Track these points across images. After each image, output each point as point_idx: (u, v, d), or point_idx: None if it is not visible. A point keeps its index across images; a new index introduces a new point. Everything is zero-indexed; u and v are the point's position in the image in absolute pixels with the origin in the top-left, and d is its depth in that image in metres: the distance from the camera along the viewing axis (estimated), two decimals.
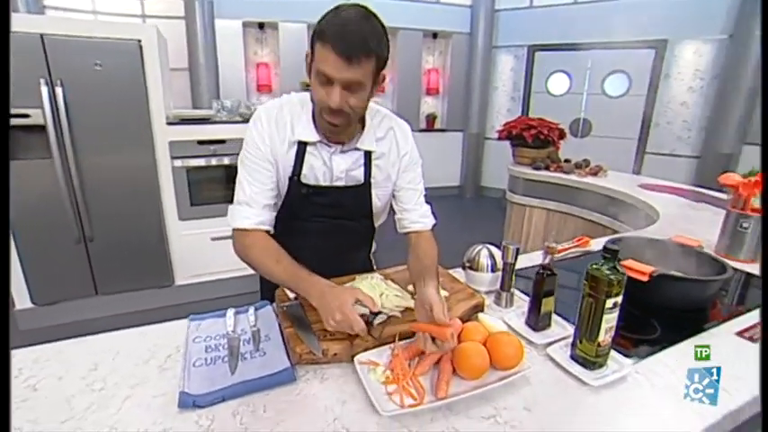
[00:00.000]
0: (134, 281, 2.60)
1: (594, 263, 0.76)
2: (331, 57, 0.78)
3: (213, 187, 2.64)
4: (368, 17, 0.81)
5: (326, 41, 0.77)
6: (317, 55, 0.81)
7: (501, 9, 5.39)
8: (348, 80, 0.81)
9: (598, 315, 0.75)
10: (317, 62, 0.81)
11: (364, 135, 0.99)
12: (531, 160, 3.34)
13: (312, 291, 0.83)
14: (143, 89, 2.31)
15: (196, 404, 0.70)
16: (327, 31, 0.78)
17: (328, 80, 0.81)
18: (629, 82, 4.76)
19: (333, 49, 0.77)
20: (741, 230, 1.41)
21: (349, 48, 0.77)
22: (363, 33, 0.78)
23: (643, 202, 2.22)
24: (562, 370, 0.79)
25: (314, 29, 0.82)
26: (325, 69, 0.80)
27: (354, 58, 0.78)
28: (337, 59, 0.78)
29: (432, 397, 0.70)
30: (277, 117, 0.96)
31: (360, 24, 0.79)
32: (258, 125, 0.96)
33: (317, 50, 0.80)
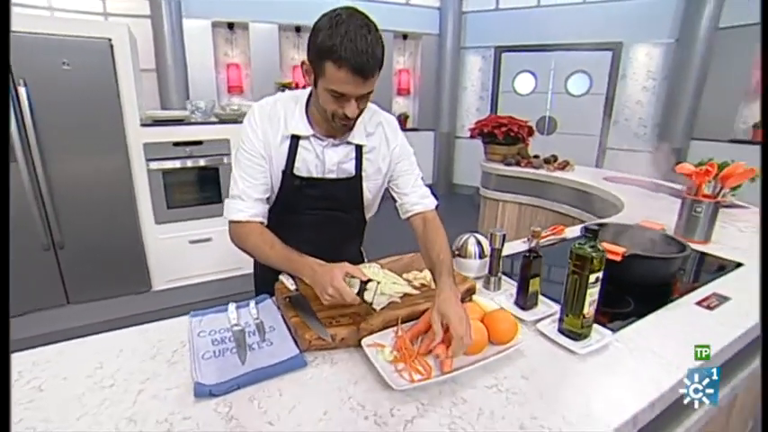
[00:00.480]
0: (109, 288, 2.51)
1: (579, 243, 0.83)
2: (348, 77, 0.81)
3: (190, 189, 2.59)
4: (368, 25, 0.82)
5: (342, 64, 0.80)
6: (328, 74, 0.83)
7: (468, 11, 5.55)
8: (363, 94, 0.87)
9: (583, 290, 0.83)
10: (329, 81, 0.84)
11: (355, 130, 1.03)
12: (503, 157, 3.48)
13: (304, 270, 0.88)
14: (115, 90, 2.24)
15: (212, 393, 0.72)
16: (340, 53, 0.79)
17: (343, 95, 0.85)
18: (590, 81, 5.03)
19: (349, 71, 0.80)
20: (695, 215, 1.55)
21: (364, 68, 0.81)
22: (373, 49, 0.81)
23: (608, 193, 2.38)
24: (552, 342, 0.87)
25: (316, 44, 0.82)
26: (341, 89, 0.84)
27: (369, 76, 0.83)
28: (354, 79, 0.82)
29: (438, 372, 0.75)
30: (270, 113, 1.00)
31: (368, 40, 0.80)
32: (252, 121, 1.00)
33: (329, 70, 0.82)
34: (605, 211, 2.33)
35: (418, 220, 1.09)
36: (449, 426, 0.65)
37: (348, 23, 0.80)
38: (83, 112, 2.20)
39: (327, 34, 0.80)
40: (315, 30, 0.83)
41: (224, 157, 2.61)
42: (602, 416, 0.67)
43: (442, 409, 0.68)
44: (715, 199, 1.53)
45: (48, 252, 2.29)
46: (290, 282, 1.01)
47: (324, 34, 0.80)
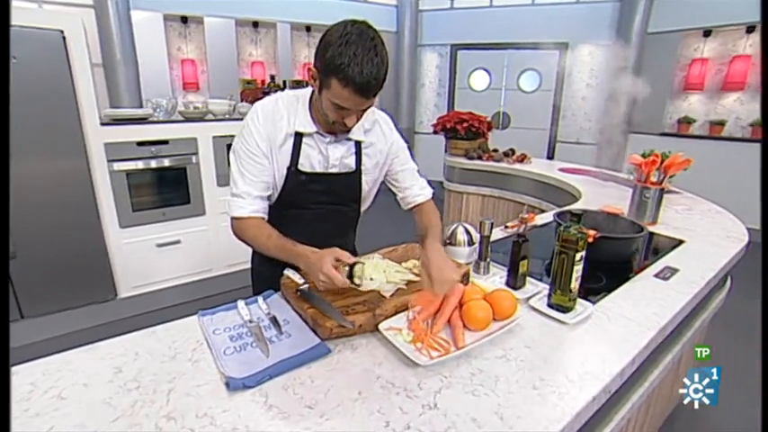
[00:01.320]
0: (70, 298, 2.36)
1: (565, 227, 0.95)
2: (351, 96, 0.87)
3: (156, 191, 2.49)
4: (376, 47, 0.85)
5: (347, 84, 0.85)
6: (333, 89, 0.88)
7: (425, 9, 5.69)
8: (365, 108, 0.93)
9: (570, 268, 0.94)
10: (333, 95, 0.89)
11: (355, 127, 1.08)
12: (465, 151, 3.64)
13: (299, 258, 0.94)
14: (70, 86, 2.10)
15: (246, 385, 0.75)
16: (347, 72, 0.83)
17: (345, 108, 0.91)
18: (540, 78, 5.36)
19: (353, 91, 0.86)
20: (645, 199, 1.76)
21: (367, 89, 0.86)
22: (378, 72, 0.85)
23: (566, 183, 2.59)
24: (544, 315, 0.98)
25: (325, 58, 0.85)
26: (344, 104, 0.90)
27: (371, 95, 0.89)
28: (356, 98, 0.88)
29: (453, 348, 0.83)
30: (273, 112, 1.03)
31: (374, 61, 0.84)
32: (255, 121, 1.02)
33: (334, 85, 0.87)
34: (564, 200, 2.54)
35: (417, 209, 1.21)
36: (472, 393, 0.73)
37: (357, 45, 0.83)
38: (35, 110, 2.04)
39: (337, 52, 0.83)
40: (325, 42, 0.87)
41: (192, 156, 2.54)
42: (597, 373, 0.78)
43: (462, 379, 0.76)
44: (660, 185, 1.74)
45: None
46: (297, 276, 1.04)
47: (333, 51, 0.84)
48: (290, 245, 0.98)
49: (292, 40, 5.16)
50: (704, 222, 1.79)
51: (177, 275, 2.69)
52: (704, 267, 1.28)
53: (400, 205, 1.23)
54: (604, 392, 0.76)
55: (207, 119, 2.65)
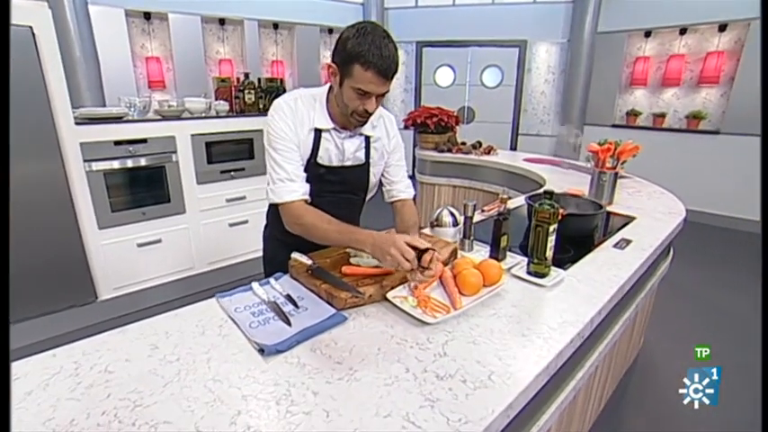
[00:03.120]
0: (47, 303, 2.31)
1: (540, 203, 1.11)
2: (373, 78, 0.98)
3: (135, 190, 2.47)
4: (389, 36, 1.00)
5: (369, 67, 0.97)
6: (356, 75, 0.99)
7: (390, 7, 5.81)
8: (383, 92, 1.04)
9: (545, 239, 1.11)
10: (356, 81, 1.00)
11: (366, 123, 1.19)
12: (435, 144, 3.81)
13: (366, 239, 1.02)
14: (41, 84, 2.05)
15: (278, 350, 0.85)
16: (368, 57, 0.96)
17: (366, 93, 1.02)
18: (502, 74, 5.64)
19: (375, 73, 0.98)
20: (602, 183, 1.98)
21: (387, 70, 0.99)
22: (393, 54, 0.99)
23: (531, 171, 2.81)
24: (525, 282, 1.14)
25: (345, 50, 0.98)
26: (366, 88, 1.00)
27: (390, 77, 1.01)
28: (378, 79, 0.99)
29: (452, 309, 0.97)
30: (295, 109, 1.13)
31: (389, 46, 0.98)
32: (281, 114, 1.11)
33: (356, 71, 0.99)
34: (530, 187, 2.76)
35: (399, 204, 1.33)
36: (473, 342, 0.87)
37: (373, 34, 0.97)
38: None
39: (356, 42, 0.97)
40: (342, 39, 1.00)
41: (171, 154, 2.53)
42: (573, 321, 0.95)
43: (464, 332, 0.90)
44: (614, 170, 1.96)
45: None
46: (304, 258, 1.15)
47: (353, 42, 0.97)
48: (354, 228, 1.06)
49: (260, 37, 5.13)
50: (651, 202, 2.04)
51: (159, 275, 2.68)
52: (652, 238, 1.50)
53: (383, 196, 1.35)
54: (579, 336, 0.92)
55: (183, 117, 2.65)
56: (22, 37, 1.98)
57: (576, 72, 5.17)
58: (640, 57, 4.96)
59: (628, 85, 5.13)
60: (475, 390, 0.73)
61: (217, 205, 2.83)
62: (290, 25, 5.31)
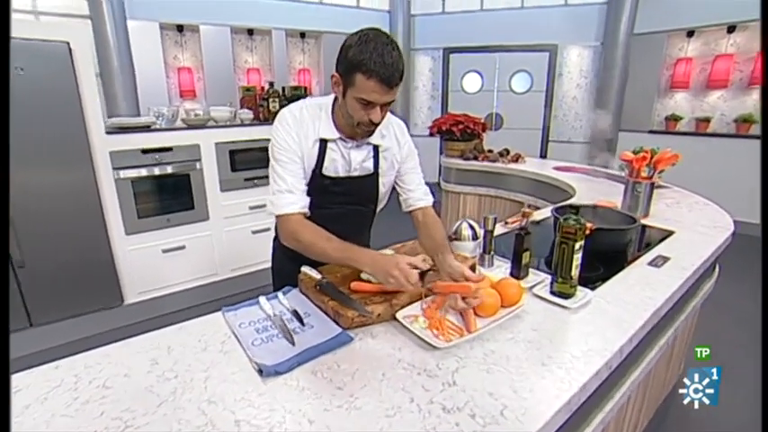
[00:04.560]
0: (77, 306, 2.39)
1: (564, 218, 1.02)
2: (376, 87, 0.94)
3: (161, 197, 2.53)
4: (392, 43, 0.95)
5: (371, 75, 0.92)
6: (358, 84, 0.95)
7: (417, 14, 5.79)
8: (388, 101, 0.99)
9: (570, 257, 1.02)
10: (359, 90, 0.96)
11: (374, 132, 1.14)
12: (461, 152, 3.72)
13: (365, 259, 0.98)
14: (76, 96, 2.14)
15: (278, 371, 0.81)
16: (369, 65, 0.92)
17: (370, 103, 0.98)
18: (531, 80, 5.48)
19: (378, 81, 0.93)
20: (636, 194, 1.84)
21: (390, 78, 0.94)
22: (397, 62, 0.94)
23: (560, 180, 2.68)
24: (548, 302, 1.05)
25: (347, 58, 0.95)
26: (369, 97, 0.96)
27: (394, 85, 0.96)
28: (381, 88, 0.94)
29: (466, 332, 0.90)
30: (300, 119, 1.10)
31: (392, 54, 0.93)
32: (285, 125, 1.08)
33: (359, 80, 0.94)
34: (558, 197, 2.62)
35: (419, 214, 1.25)
36: (487, 371, 0.80)
37: (375, 41, 0.93)
38: (42, 120, 2.08)
39: (358, 50, 0.93)
40: (345, 47, 0.96)
41: (196, 162, 2.58)
42: (599, 350, 0.85)
43: (477, 359, 0.83)
44: (650, 180, 1.82)
45: None
46: (314, 272, 1.11)
47: (354, 50, 0.93)
48: (354, 246, 1.01)
49: (287, 46, 5.22)
50: (692, 214, 1.88)
51: (182, 280, 2.73)
52: (693, 255, 1.37)
53: (401, 205, 1.29)
54: (606, 367, 0.83)
55: (209, 125, 2.70)
56: (59, 51, 2.07)
57: (609, 76, 4.95)
58: (682, 58, 4.69)
59: (667, 88, 4.86)
60: (485, 426, 0.66)
61: (240, 212, 2.86)
62: (316, 34, 5.38)
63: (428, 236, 1.17)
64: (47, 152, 2.13)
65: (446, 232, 1.37)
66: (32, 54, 2.01)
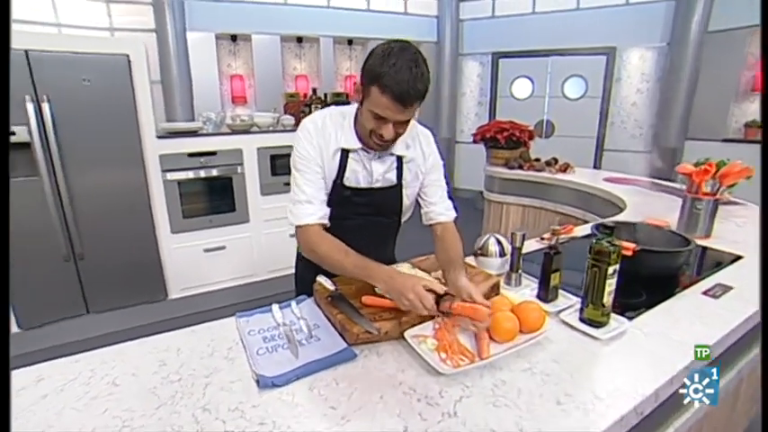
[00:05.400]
0: (126, 297, 2.57)
1: (597, 239, 0.92)
2: (388, 104, 0.90)
3: (204, 199, 2.67)
4: (417, 60, 0.91)
5: (385, 91, 0.89)
6: (372, 97, 0.93)
7: (465, 19, 5.69)
8: (401, 120, 0.95)
9: (602, 281, 0.91)
10: (372, 104, 0.93)
11: (397, 142, 1.11)
12: (506, 161, 3.58)
13: (382, 277, 0.94)
14: (132, 103, 2.32)
15: (275, 384, 0.79)
16: (386, 80, 0.88)
17: (382, 118, 0.94)
18: (586, 85, 5.17)
19: (390, 98, 0.89)
20: (696, 212, 1.65)
21: (405, 97, 0.90)
22: (416, 81, 0.89)
23: (610, 193, 2.48)
24: (575, 330, 0.95)
25: (367, 67, 0.92)
26: (382, 113, 0.93)
27: (408, 105, 0.92)
28: (394, 105, 0.91)
29: (477, 358, 0.83)
30: (322, 126, 1.08)
31: (412, 73, 0.89)
32: (306, 134, 1.08)
33: (374, 93, 0.92)
34: (607, 211, 2.43)
35: (438, 228, 1.19)
36: (493, 404, 0.72)
37: (398, 56, 0.89)
38: (102, 125, 2.27)
39: (379, 62, 0.90)
40: (369, 55, 0.94)
41: (237, 166, 2.69)
42: (628, 391, 0.75)
43: (485, 389, 0.76)
44: (714, 196, 1.62)
45: (68, 263, 2.35)
46: (328, 283, 1.08)
47: (376, 61, 0.91)
48: (372, 263, 0.97)
49: (335, 53, 5.34)
50: None
51: (222, 279, 2.84)
52: None
53: (422, 218, 1.23)
54: (635, 413, 0.72)
55: (252, 131, 2.80)
56: (120, 63, 2.26)
57: (676, 79, 4.52)
58: None
59: (747, 91, 4.35)
60: None
61: (279, 216, 2.93)
62: (363, 41, 5.45)
63: (443, 250, 1.11)
64: (105, 155, 2.32)
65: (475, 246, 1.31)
66: (97, 66, 2.20)
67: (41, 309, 2.36)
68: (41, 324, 2.39)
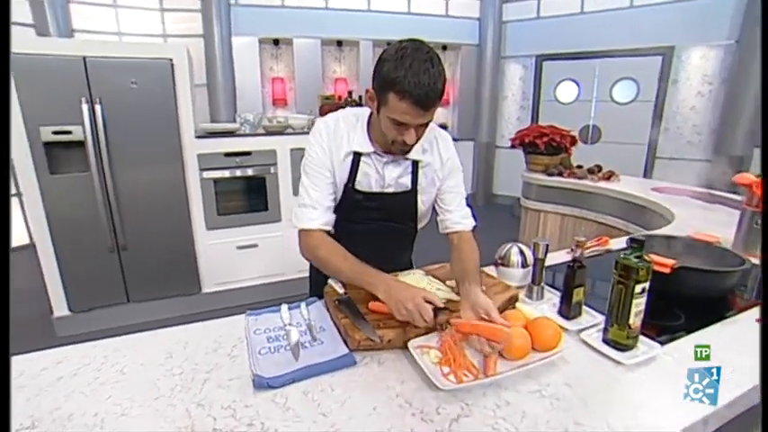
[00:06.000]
0: (163, 288, 2.70)
1: (623, 253, 0.83)
2: (408, 109, 0.86)
3: (239, 197, 2.75)
4: (432, 59, 0.85)
5: (404, 96, 0.85)
6: (390, 104, 0.88)
7: (509, 20, 5.53)
8: (423, 123, 0.92)
9: (628, 300, 0.82)
10: (391, 111, 0.89)
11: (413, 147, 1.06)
12: (545, 167, 3.42)
13: (380, 285, 0.91)
14: (173, 105, 2.44)
15: (270, 385, 0.78)
16: (404, 85, 0.83)
17: (403, 124, 0.91)
18: (638, 88, 4.84)
19: (411, 103, 0.85)
20: (755, 227, 1.47)
21: (425, 100, 0.85)
22: (435, 83, 0.85)
23: (657, 204, 2.29)
24: (596, 352, 0.86)
25: (381, 74, 0.88)
26: (402, 119, 0.89)
27: (429, 108, 0.88)
28: (414, 110, 0.87)
29: (482, 374, 0.78)
30: (335, 129, 1.06)
31: (430, 74, 0.84)
32: (318, 137, 1.06)
33: (391, 100, 0.87)
34: (654, 223, 2.24)
35: (455, 237, 1.13)
36: (492, 426, 0.67)
37: (413, 57, 0.84)
38: (146, 125, 2.41)
39: (392, 66, 0.85)
40: (381, 60, 0.89)
41: (270, 167, 2.76)
42: (650, 426, 0.67)
43: (485, 409, 0.71)
44: None
45: (112, 254, 2.51)
46: (338, 285, 1.07)
47: (389, 66, 0.86)
48: (371, 270, 0.95)
49: (374, 56, 5.37)
50: None
51: (253, 276, 2.92)
52: None
53: (437, 226, 1.18)
54: None
55: (286, 132, 2.86)
56: (163, 67, 2.39)
57: (745, 80, 4.11)
58: None
59: None
60: None
61: None
62: None
63: (459, 261, 1.06)
64: (148, 153, 2.46)
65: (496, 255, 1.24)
66: (144, 70, 2.34)
67: (89, 295, 2.54)
68: (89, 309, 2.56)
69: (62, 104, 2.20)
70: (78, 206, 2.36)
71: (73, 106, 2.21)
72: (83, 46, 2.26)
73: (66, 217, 2.35)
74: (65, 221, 2.35)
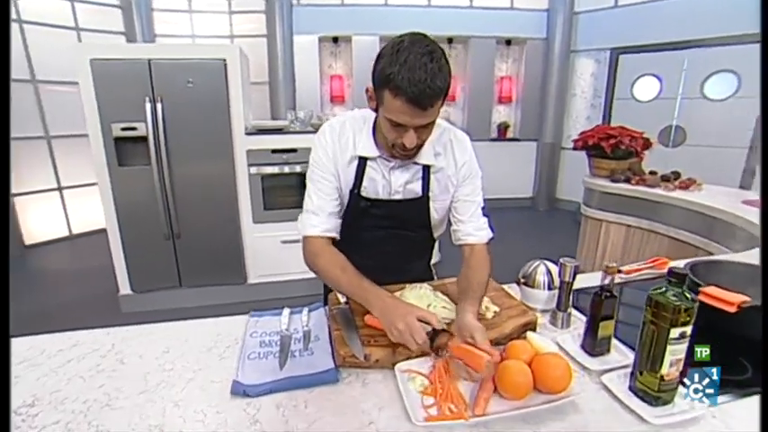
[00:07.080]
0: (212, 277, 2.86)
1: (658, 286, 0.69)
2: (404, 107, 0.79)
3: (285, 193, 2.83)
4: (432, 53, 0.78)
5: (398, 94, 0.77)
6: (386, 104, 0.81)
7: (581, 11, 5.08)
8: (421, 124, 0.83)
9: (661, 345, 0.68)
10: (387, 110, 0.82)
11: (423, 149, 0.98)
12: (611, 172, 3.09)
13: (375, 301, 0.85)
14: (225, 103, 2.56)
15: (246, 393, 0.76)
16: (397, 83, 0.76)
17: (400, 125, 0.84)
18: (738, 82, 4.16)
19: (405, 102, 0.78)
20: None
21: (421, 99, 0.77)
22: (432, 79, 0.77)
23: (744, 219, 1.94)
24: (618, 402, 0.72)
25: (377, 70, 0.81)
26: (398, 119, 0.82)
27: (427, 107, 0.79)
28: (410, 109, 0.79)
29: (470, 412, 0.68)
30: (340, 133, 1.00)
31: (427, 69, 0.76)
32: (322, 140, 1.01)
33: (387, 99, 0.80)
34: (737, 243, 1.91)
35: (467, 250, 1.04)
36: None
37: (409, 51, 0.77)
38: (200, 123, 2.56)
39: (388, 61, 0.78)
40: (378, 56, 0.82)
41: None
42: None
43: None
44: None
45: (168, 241, 2.71)
46: (341, 294, 1.02)
47: (385, 61, 0.79)
48: (367, 284, 0.90)
49: None
50: None
51: (296, 271, 2.97)
52: None
53: (451, 236, 1.09)
54: None
55: None
56: (217, 67, 2.52)
57: None
58: None
59: None
60: None
61: None
62: (464, 39, 5.24)
63: (465, 277, 0.96)
64: (202, 148, 2.61)
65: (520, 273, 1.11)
66: (199, 70, 2.49)
67: (147, 277, 2.77)
68: (147, 290, 2.80)
69: (130, 103, 2.40)
70: (140, 196, 2.57)
71: (138, 105, 2.41)
72: (148, 49, 2.45)
73: (130, 205, 2.58)
74: (129, 209, 2.58)
